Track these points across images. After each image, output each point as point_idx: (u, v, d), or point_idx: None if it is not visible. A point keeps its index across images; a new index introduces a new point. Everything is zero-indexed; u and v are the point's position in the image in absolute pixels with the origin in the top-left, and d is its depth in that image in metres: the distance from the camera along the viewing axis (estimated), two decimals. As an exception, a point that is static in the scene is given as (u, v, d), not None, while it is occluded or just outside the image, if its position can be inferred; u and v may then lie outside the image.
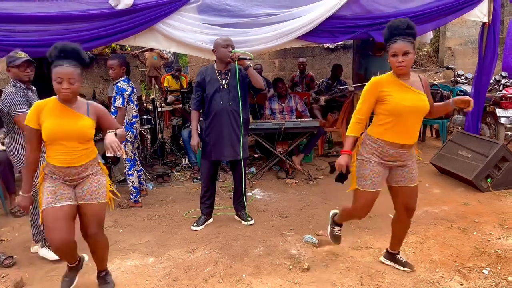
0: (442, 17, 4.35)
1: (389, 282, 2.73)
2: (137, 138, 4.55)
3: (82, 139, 2.44)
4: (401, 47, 2.42)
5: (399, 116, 2.52)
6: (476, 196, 4.20)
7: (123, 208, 4.28)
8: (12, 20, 3.68)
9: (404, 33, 2.43)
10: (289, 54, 9.61)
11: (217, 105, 3.51)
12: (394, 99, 2.52)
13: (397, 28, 2.43)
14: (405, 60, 2.44)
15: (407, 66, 2.46)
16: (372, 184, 2.63)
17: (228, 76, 3.53)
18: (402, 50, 2.42)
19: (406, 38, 2.43)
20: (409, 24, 2.43)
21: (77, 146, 2.43)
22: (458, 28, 10.13)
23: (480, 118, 4.98)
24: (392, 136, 2.56)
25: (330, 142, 6.43)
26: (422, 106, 2.53)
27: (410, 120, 2.53)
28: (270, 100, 5.77)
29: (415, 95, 2.53)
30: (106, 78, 7.36)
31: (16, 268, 3.12)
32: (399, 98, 2.51)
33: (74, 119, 2.41)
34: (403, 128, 2.54)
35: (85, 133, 2.44)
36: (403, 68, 2.46)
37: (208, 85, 3.54)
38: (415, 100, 2.52)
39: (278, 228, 3.65)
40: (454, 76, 6.78)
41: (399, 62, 2.44)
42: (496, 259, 2.97)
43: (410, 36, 2.45)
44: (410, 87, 2.53)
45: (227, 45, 3.46)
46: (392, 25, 2.46)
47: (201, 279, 2.85)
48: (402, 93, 2.52)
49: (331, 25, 4.14)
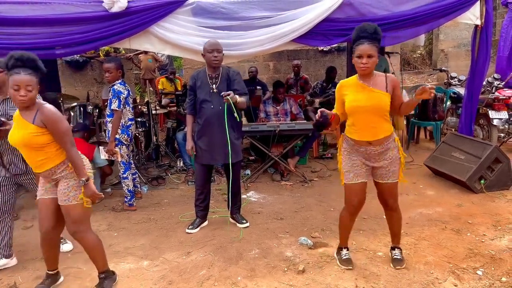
0: (435, 20, 4.38)
1: (383, 283, 2.74)
2: (132, 141, 4.54)
3: (30, 147, 2.48)
4: (366, 49, 2.55)
5: (356, 115, 2.71)
6: (469, 198, 4.23)
7: (117, 211, 4.26)
8: (5, 23, 3.67)
9: (370, 37, 2.56)
10: (284, 56, 9.64)
11: (208, 109, 3.52)
12: (348, 99, 2.71)
13: (365, 31, 2.57)
14: (369, 62, 2.57)
15: (371, 67, 2.60)
16: (355, 176, 2.79)
17: (218, 81, 3.54)
18: (367, 53, 2.56)
19: (371, 42, 2.56)
20: (376, 29, 2.58)
21: (34, 153, 2.50)
22: (451, 31, 10.21)
23: (474, 120, 5.02)
24: (357, 134, 2.73)
25: (324, 144, 6.44)
26: (375, 104, 2.63)
27: (367, 118, 2.66)
28: (265, 103, 5.78)
29: (371, 94, 2.64)
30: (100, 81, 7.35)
31: (9, 272, 3.09)
32: (353, 98, 2.69)
33: (21, 128, 2.47)
34: (363, 125, 2.69)
35: (29, 141, 2.45)
36: (366, 69, 2.60)
37: (199, 89, 3.55)
38: (368, 99, 2.64)
39: (273, 231, 3.65)
40: (448, 78, 6.84)
41: (363, 63, 2.58)
42: (490, 260, 2.99)
43: (375, 41, 2.58)
44: (367, 87, 2.65)
45: (212, 49, 3.47)
46: (361, 28, 2.60)
47: (196, 282, 2.84)
48: (357, 93, 2.68)
49: (325, 27, 4.16)
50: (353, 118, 2.74)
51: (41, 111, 2.46)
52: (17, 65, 2.37)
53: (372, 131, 2.68)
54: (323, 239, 3.43)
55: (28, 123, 2.45)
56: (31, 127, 2.44)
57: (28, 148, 2.49)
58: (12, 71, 2.38)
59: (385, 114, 2.69)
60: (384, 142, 2.71)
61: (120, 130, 4.18)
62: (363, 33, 2.57)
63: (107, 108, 4.23)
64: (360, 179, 2.79)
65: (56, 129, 2.47)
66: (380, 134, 2.69)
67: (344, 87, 2.77)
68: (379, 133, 2.69)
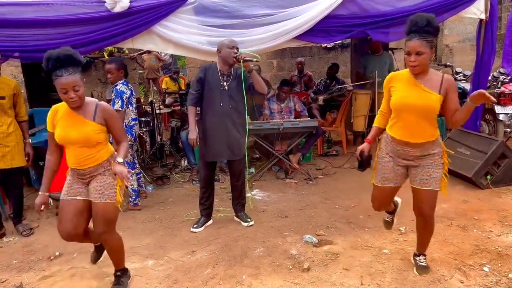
0: (439, 15, 4.32)
1: (389, 281, 2.73)
2: (136, 141, 4.55)
3: (88, 144, 2.49)
4: (415, 46, 2.37)
5: (401, 112, 2.54)
6: (475, 194, 4.20)
7: (122, 211, 4.27)
8: (9, 25, 3.68)
9: (421, 31, 2.35)
10: (287, 54, 9.62)
11: (216, 106, 3.51)
12: (397, 95, 2.53)
13: (416, 24, 2.36)
14: (417, 60, 2.39)
15: (420, 65, 2.41)
16: (381, 180, 2.71)
17: (230, 78, 3.53)
18: (416, 50, 2.37)
19: (422, 37, 2.35)
20: (430, 21, 2.35)
21: (85, 150, 2.50)
22: (456, 26, 10.12)
23: (480, 116, 4.97)
24: (397, 132, 2.58)
25: (329, 142, 6.43)
26: (425, 105, 2.45)
27: (412, 118, 2.49)
28: (269, 100, 5.77)
29: (422, 93, 2.46)
30: (105, 81, 7.37)
31: (16, 272, 3.11)
32: (402, 94, 2.51)
33: (80, 126, 2.47)
34: (405, 125, 2.53)
35: (90, 138, 2.48)
36: (415, 67, 2.42)
37: (208, 84, 3.52)
38: (418, 98, 2.45)
39: (278, 229, 3.64)
40: (453, 73, 6.78)
41: (411, 61, 2.41)
42: (497, 256, 2.96)
43: (429, 34, 2.36)
44: (419, 85, 2.47)
45: (232, 46, 3.45)
46: (412, 21, 2.39)
47: (201, 281, 2.85)
48: (407, 90, 2.50)
49: (328, 24, 4.14)
50: (397, 115, 2.56)
51: (101, 108, 2.50)
52: (57, 66, 2.32)
53: (413, 133, 2.51)
54: (328, 237, 3.41)
55: (90, 121, 2.46)
56: (92, 124, 2.46)
57: (85, 145, 2.48)
58: (54, 74, 2.33)
59: (433, 117, 2.50)
60: (425, 147, 2.54)
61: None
62: (414, 27, 2.37)
63: (111, 108, 4.24)
64: (386, 184, 2.68)
65: (116, 124, 2.57)
66: (421, 137, 2.52)
67: (394, 80, 2.59)
68: (421, 136, 2.51)
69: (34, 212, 4.34)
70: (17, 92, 3.77)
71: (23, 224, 3.91)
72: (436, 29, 2.40)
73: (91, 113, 2.48)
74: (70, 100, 2.37)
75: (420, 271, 2.78)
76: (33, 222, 4.08)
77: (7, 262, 3.29)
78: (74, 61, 2.37)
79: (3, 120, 3.66)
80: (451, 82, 2.49)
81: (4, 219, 4.13)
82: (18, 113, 3.81)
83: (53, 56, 2.31)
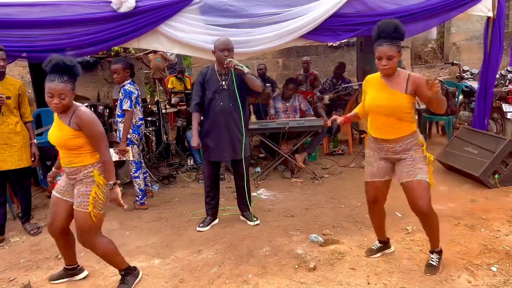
0: (446, 13, 4.31)
1: (396, 280, 2.71)
2: (142, 140, 4.57)
3: (66, 147, 2.54)
4: (386, 51, 2.49)
5: (373, 113, 2.71)
6: (483, 193, 4.16)
7: (129, 210, 4.30)
8: (16, 26, 3.72)
9: (390, 37, 2.48)
10: (293, 53, 9.59)
11: (217, 106, 3.52)
12: (368, 97, 2.71)
13: (384, 31, 2.49)
14: (389, 64, 2.51)
15: (391, 68, 2.53)
16: (370, 174, 2.82)
17: (228, 77, 3.53)
18: (387, 54, 2.49)
19: (391, 42, 2.47)
20: (397, 28, 2.48)
21: (65, 152, 2.58)
22: (463, 24, 10.04)
23: (488, 114, 4.93)
24: (375, 131, 2.72)
25: (335, 141, 6.40)
26: (392, 105, 2.57)
27: (384, 118, 2.63)
28: (274, 99, 5.78)
29: (389, 94, 2.59)
30: (111, 81, 7.40)
31: (23, 271, 3.14)
32: (372, 96, 2.68)
33: (59, 129, 2.53)
34: (379, 124, 2.68)
35: (66, 143, 2.52)
36: (387, 70, 2.55)
37: (208, 86, 3.54)
38: (386, 99, 2.59)
39: (283, 228, 3.64)
40: (460, 72, 6.73)
41: (383, 65, 2.53)
42: (505, 256, 2.93)
43: (396, 40, 2.49)
44: (387, 86, 2.60)
45: (223, 48, 3.44)
46: (380, 27, 2.51)
47: (207, 280, 2.85)
48: (376, 92, 2.65)
49: (334, 23, 4.13)
50: (371, 115, 2.73)
51: (76, 114, 2.49)
52: (53, 71, 2.39)
53: (388, 131, 2.64)
54: (334, 236, 3.41)
55: (64, 125, 2.50)
56: (67, 130, 2.49)
57: (62, 147, 2.56)
58: (48, 77, 2.39)
59: (404, 116, 2.59)
60: (403, 141, 2.63)
61: (131, 130, 4.21)
62: (382, 33, 2.49)
63: (117, 109, 4.26)
64: (374, 178, 2.79)
65: (91, 132, 2.51)
66: (397, 133, 2.63)
67: (368, 82, 2.76)
68: (396, 132, 2.63)
69: (42, 211, 4.38)
70: (22, 93, 3.79)
71: (30, 223, 3.94)
72: (402, 35, 2.52)
73: (68, 118, 2.50)
74: (52, 105, 2.43)
75: (426, 270, 2.77)
76: (41, 221, 4.11)
77: (15, 261, 3.32)
78: (72, 72, 2.44)
79: (9, 120, 3.69)
80: (416, 80, 2.57)
81: (12, 218, 4.18)
82: (23, 114, 3.83)
83: (54, 61, 2.38)
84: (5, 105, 3.61)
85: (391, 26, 2.48)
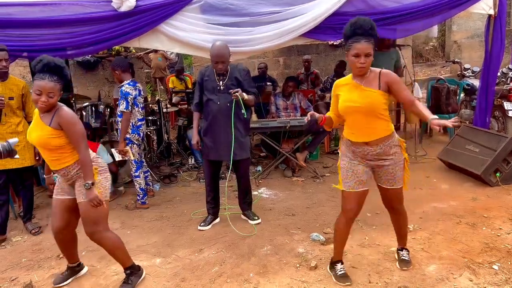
0: (447, 11, 4.30)
1: (397, 279, 2.71)
2: (143, 140, 4.56)
3: (46, 147, 2.55)
4: (364, 48, 2.38)
5: (349, 115, 2.58)
6: (484, 191, 4.15)
7: (130, 210, 4.30)
8: (17, 25, 3.72)
9: (367, 34, 2.39)
10: (294, 51, 9.57)
11: (214, 106, 3.53)
12: (341, 99, 2.59)
13: (361, 27, 2.38)
14: (366, 62, 2.42)
15: (367, 66, 2.45)
16: (356, 184, 2.61)
17: (226, 78, 3.53)
18: (365, 52, 2.39)
19: (368, 39, 2.39)
20: (373, 25, 2.41)
21: (47, 153, 2.59)
22: (464, 21, 10.02)
23: (490, 112, 4.92)
24: (353, 135, 2.61)
25: (336, 139, 6.39)
26: (368, 103, 2.47)
27: (360, 118, 2.52)
28: (275, 96, 5.78)
29: (363, 93, 2.49)
30: (112, 80, 7.40)
31: (25, 271, 3.15)
32: (345, 98, 2.56)
33: (39, 129, 2.54)
34: (357, 126, 2.57)
35: (46, 142, 2.53)
36: (363, 69, 2.45)
37: (206, 86, 3.56)
38: (360, 98, 2.49)
39: (285, 227, 3.64)
40: (461, 70, 6.71)
41: (361, 63, 2.41)
42: (506, 254, 2.93)
43: (372, 38, 2.41)
44: (360, 86, 2.51)
45: (216, 61, 3.43)
46: (356, 24, 2.40)
47: (208, 279, 2.85)
48: (350, 93, 2.54)
49: (334, 21, 4.11)
50: (347, 118, 2.61)
51: (58, 114, 2.50)
52: (43, 70, 2.42)
53: (367, 132, 2.54)
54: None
55: (45, 125, 2.50)
56: (47, 129, 2.50)
57: (45, 148, 2.57)
58: (37, 75, 2.42)
59: (380, 113, 2.51)
60: (383, 143, 2.54)
61: (130, 130, 4.21)
62: (359, 30, 2.38)
63: (118, 108, 4.26)
64: (361, 187, 2.61)
65: (72, 132, 2.52)
66: (377, 134, 2.53)
67: (339, 87, 2.64)
68: (376, 133, 2.53)
69: (43, 211, 4.38)
70: (26, 93, 3.80)
71: (32, 223, 3.95)
72: (376, 33, 2.44)
73: (49, 118, 2.51)
74: (39, 103, 2.45)
75: (403, 265, 2.82)
76: (42, 221, 4.12)
77: (16, 261, 3.32)
78: (61, 73, 2.48)
79: (12, 120, 3.70)
80: (389, 75, 2.52)
81: (13, 218, 4.19)
82: (27, 114, 3.84)
83: (45, 61, 2.42)
84: (7, 106, 3.62)
85: (368, 23, 2.39)
